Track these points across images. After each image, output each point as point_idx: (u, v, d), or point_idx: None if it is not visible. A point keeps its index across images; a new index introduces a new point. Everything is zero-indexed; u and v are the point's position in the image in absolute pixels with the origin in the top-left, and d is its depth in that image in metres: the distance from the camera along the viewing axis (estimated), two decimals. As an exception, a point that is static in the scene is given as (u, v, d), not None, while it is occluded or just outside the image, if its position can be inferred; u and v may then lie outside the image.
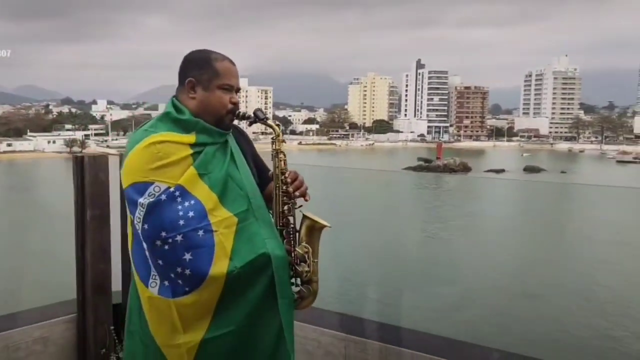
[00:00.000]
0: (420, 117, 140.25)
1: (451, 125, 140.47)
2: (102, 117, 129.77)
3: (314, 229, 1.75)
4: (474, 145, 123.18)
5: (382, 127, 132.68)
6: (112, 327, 2.44)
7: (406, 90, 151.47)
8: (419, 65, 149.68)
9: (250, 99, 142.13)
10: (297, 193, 1.74)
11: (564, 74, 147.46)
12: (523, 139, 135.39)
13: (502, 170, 75.52)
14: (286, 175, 1.75)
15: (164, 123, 1.74)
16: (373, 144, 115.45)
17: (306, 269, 1.72)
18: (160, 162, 1.66)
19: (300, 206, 1.76)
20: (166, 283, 1.64)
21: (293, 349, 1.74)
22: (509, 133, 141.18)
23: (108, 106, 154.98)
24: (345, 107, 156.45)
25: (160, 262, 1.63)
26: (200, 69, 1.75)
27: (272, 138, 1.78)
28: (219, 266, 1.61)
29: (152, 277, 1.66)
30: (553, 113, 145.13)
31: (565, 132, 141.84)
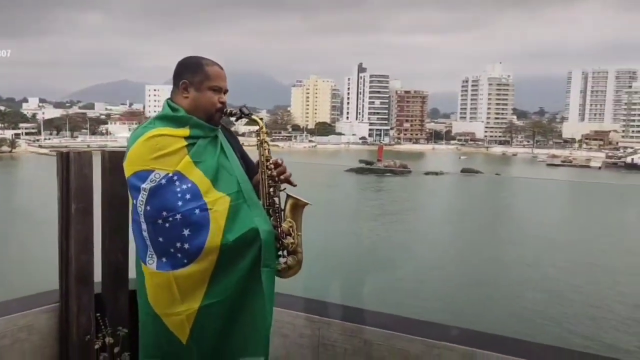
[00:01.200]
0: (362, 120, 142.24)
1: (392, 128, 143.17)
2: (34, 115, 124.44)
3: (297, 207, 2.01)
4: (414, 148, 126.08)
5: (324, 129, 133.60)
6: (97, 315, 2.54)
7: (348, 94, 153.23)
8: (361, 69, 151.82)
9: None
10: (281, 177, 1.98)
11: (498, 80, 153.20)
12: (460, 143, 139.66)
13: (441, 173, 77.82)
14: (270, 161, 1.99)
15: (161, 120, 1.98)
16: (315, 145, 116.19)
17: (291, 240, 1.97)
18: (159, 153, 1.89)
19: (284, 189, 2.01)
20: (164, 259, 1.88)
21: (271, 314, 1.95)
22: (447, 136, 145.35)
23: (40, 104, 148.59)
24: (288, 109, 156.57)
25: (161, 239, 1.87)
26: (192, 72, 2.00)
27: (256, 130, 2.03)
28: (214, 240, 1.84)
29: (148, 255, 1.90)
30: (488, 118, 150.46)
31: (500, 136, 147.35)
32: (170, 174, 1.87)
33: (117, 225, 2.62)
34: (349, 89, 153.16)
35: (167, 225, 1.85)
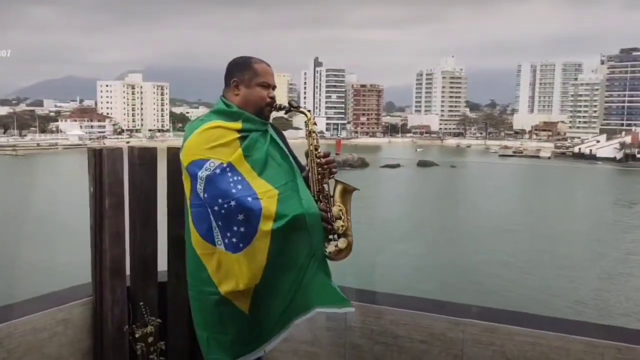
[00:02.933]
0: (319, 114, 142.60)
1: (349, 122, 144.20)
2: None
3: (346, 192, 2.13)
4: (371, 142, 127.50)
5: (281, 123, 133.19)
6: (129, 306, 2.63)
7: (305, 88, 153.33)
8: (317, 63, 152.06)
9: (145, 95, 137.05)
10: (329, 167, 2.12)
11: (452, 73, 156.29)
12: (416, 135, 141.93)
13: (398, 165, 79.00)
14: (319, 150, 2.13)
15: (216, 115, 2.12)
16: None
17: (342, 224, 2.09)
18: (214, 143, 2.03)
19: (333, 176, 2.14)
20: (226, 241, 2.01)
21: (337, 295, 2.11)
22: (402, 130, 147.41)
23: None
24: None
25: (220, 223, 2.00)
26: (242, 71, 2.15)
27: (305, 121, 2.16)
28: (266, 224, 1.98)
29: (216, 236, 2.02)
30: (442, 110, 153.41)
31: (454, 129, 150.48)
32: (224, 165, 2.00)
33: (145, 219, 2.71)
34: (305, 83, 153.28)
35: (222, 211, 1.97)
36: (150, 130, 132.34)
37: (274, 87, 2.19)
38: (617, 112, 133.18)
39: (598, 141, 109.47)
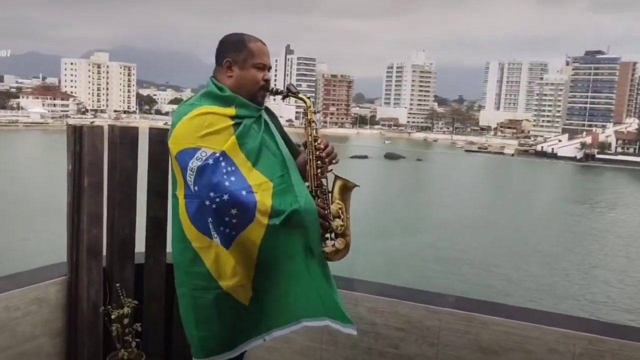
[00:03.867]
0: (289, 102, 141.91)
1: (318, 112, 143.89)
2: None
3: (346, 189, 1.99)
4: (339, 132, 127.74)
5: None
6: (107, 286, 2.58)
7: (275, 75, 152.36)
8: (288, 50, 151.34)
9: (112, 75, 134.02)
10: (330, 159, 1.98)
11: (422, 67, 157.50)
12: (384, 128, 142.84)
13: (366, 157, 79.41)
14: (318, 141, 1.98)
15: (207, 98, 1.95)
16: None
17: (340, 223, 1.96)
18: (206, 131, 1.87)
19: (331, 170, 2.01)
20: (219, 233, 1.87)
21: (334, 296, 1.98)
22: (371, 121, 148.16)
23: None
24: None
25: (210, 219, 1.86)
26: (236, 50, 1.98)
27: (303, 109, 2.04)
28: (261, 220, 1.84)
29: (212, 230, 1.88)
30: (411, 104, 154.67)
31: (422, 122, 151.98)
32: (217, 154, 1.85)
33: (124, 200, 2.66)
34: (276, 70, 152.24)
35: (214, 206, 1.83)
36: (115, 111, 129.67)
37: (269, 69, 2.02)
38: (579, 113, 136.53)
39: (560, 140, 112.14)
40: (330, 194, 2.00)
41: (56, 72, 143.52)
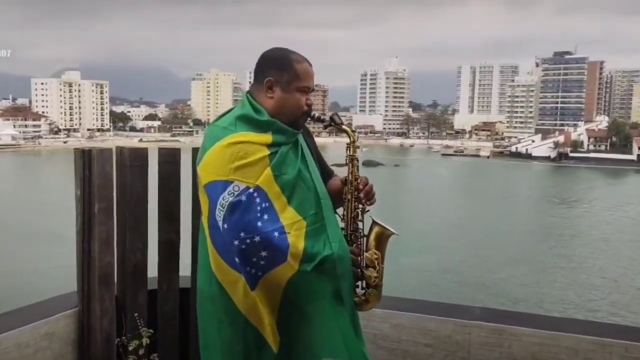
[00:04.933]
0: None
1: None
2: None
3: (383, 236, 1.81)
4: (316, 141, 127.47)
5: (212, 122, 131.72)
6: (122, 316, 2.46)
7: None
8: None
9: (83, 94, 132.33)
10: (367, 200, 1.81)
11: (395, 74, 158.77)
12: (360, 135, 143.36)
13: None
14: (358, 181, 1.81)
15: (242, 122, 1.77)
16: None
17: (375, 274, 1.79)
18: (240, 162, 1.70)
19: (368, 210, 1.82)
20: (245, 273, 1.72)
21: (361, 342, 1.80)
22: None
23: None
24: (188, 103, 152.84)
25: (237, 259, 1.71)
26: (280, 69, 1.78)
27: (347, 144, 1.83)
28: (292, 262, 1.69)
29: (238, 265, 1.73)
30: (386, 110, 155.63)
31: (397, 128, 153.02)
32: (251, 190, 1.69)
33: (135, 224, 2.55)
34: (250, 82, 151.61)
35: (243, 247, 1.68)
36: (89, 129, 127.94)
37: (312, 91, 1.83)
38: (551, 113, 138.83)
39: (533, 141, 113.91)
40: (364, 238, 1.83)
41: (27, 92, 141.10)
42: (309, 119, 1.86)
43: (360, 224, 1.82)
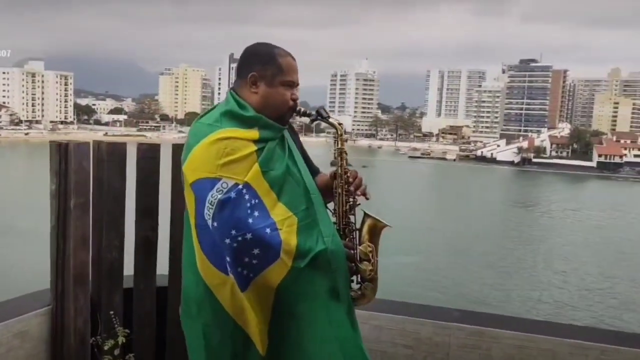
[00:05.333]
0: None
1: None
2: None
3: (376, 228, 1.79)
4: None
5: (194, 119, 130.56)
6: (98, 315, 2.39)
7: (219, 84, 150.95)
8: (232, 59, 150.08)
9: (47, 85, 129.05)
10: (358, 192, 1.79)
11: (365, 75, 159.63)
12: (329, 135, 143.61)
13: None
14: (348, 174, 1.79)
15: (227, 119, 1.73)
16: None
17: (370, 267, 1.76)
18: (227, 158, 1.66)
19: (359, 204, 1.81)
20: (235, 273, 1.68)
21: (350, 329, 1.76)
22: (316, 129, 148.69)
23: None
24: (156, 97, 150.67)
25: (228, 259, 1.66)
26: (264, 64, 1.75)
27: (334, 136, 1.83)
28: (284, 262, 1.66)
29: (227, 265, 1.69)
30: (355, 111, 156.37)
31: (366, 130, 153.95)
32: (240, 186, 1.65)
33: (112, 221, 2.49)
34: (220, 79, 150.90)
35: (235, 245, 1.64)
36: (52, 122, 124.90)
37: (296, 85, 1.80)
38: (515, 119, 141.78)
39: (499, 145, 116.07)
40: (357, 232, 1.80)
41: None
42: (294, 114, 1.83)
43: (352, 218, 1.80)
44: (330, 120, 1.82)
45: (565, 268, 29.09)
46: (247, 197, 1.66)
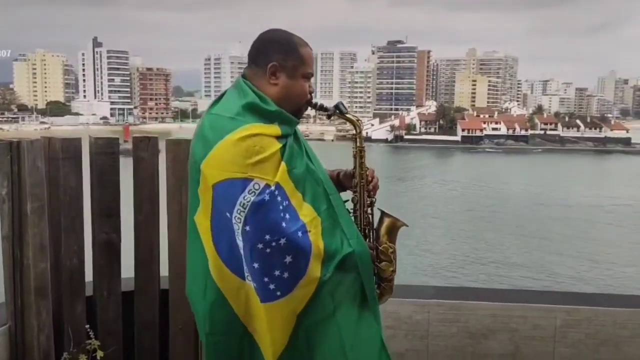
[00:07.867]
0: (102, 98, 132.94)
1: (135, 107, 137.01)
2: None
3: (394, 228, 1.74)
4: (161, 127, 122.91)
5: (58, 109, 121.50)
6: (67, 328, 2.16)
7: (83, 70, 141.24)
8: (96, 43, 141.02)
9: None
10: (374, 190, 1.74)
11: (240, 59, 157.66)
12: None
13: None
14: (367, 173, 1.73)
15: (250, 112, 1.59)
16: (49, 127, 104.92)
17: (391, 268, 1.72)
18: (258, 157, 1.54)
19: (375, 201, 1.75)
20: (260, 284, 1.57)
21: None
22: (193, 114, 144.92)
23: None
24: (11, 86, 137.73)
25: (256, 265, 1.55)
26: (285, 53, 1.64)
27: (353, 135, 1.74)
28: (315, 268, 1.58)
29: (246, 271, 1.60)
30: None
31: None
32: (272, 187, 1.54)
33: (70, 225, 2.25)
34: (84, 65, 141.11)
35: (268, 250, 1.53)
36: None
37: (312, 77, 1.70)
38: (387, 98, 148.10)
39: (373, 124, 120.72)
40: (373, 231, 1.75)
41: None
42: (310, 107, 1.73)
43: (370, 217, 1.75)
44: (348, 116, 1.73)
45: (437, 236, 31.20)
46: (279, 198, 1.56)
